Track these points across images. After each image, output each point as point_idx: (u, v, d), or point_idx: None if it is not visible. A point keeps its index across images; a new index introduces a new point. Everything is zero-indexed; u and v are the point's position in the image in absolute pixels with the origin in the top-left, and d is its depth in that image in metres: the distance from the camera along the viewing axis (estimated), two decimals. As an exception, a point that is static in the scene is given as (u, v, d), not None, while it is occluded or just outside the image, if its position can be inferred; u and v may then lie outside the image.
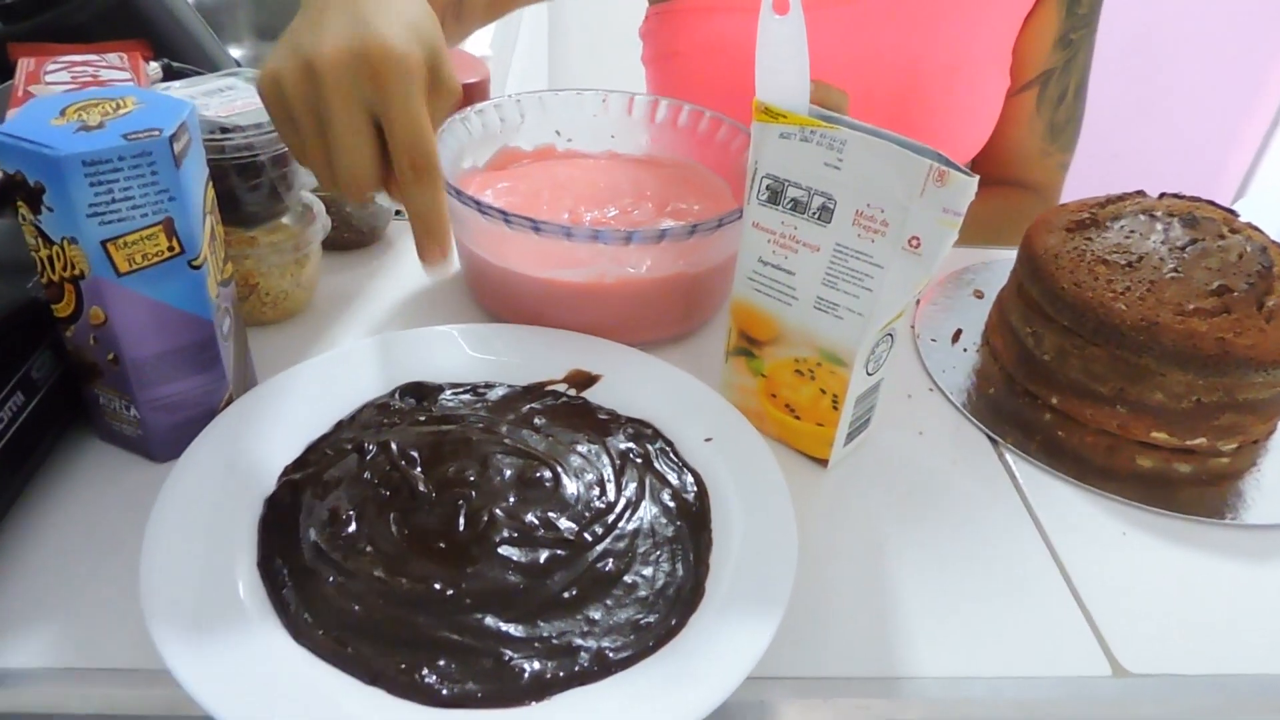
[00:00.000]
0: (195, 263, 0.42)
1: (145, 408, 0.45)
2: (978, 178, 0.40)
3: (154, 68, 0.64)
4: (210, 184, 0.45)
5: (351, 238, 0.65)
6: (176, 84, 0.53)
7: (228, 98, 0.52)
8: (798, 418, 0.50)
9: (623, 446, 0.48)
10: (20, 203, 0.39)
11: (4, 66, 0.63)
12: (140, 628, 0.35)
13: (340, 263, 0.64)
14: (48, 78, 0.58)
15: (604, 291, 0.54)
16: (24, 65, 0.59)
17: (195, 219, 0.42)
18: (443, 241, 0.44)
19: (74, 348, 0.44)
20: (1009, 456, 0.53)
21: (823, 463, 0.51)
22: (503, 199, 0.61)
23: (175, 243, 0.41)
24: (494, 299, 0.59)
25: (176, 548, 0.40)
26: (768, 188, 0.46)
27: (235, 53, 1.68)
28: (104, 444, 0.48)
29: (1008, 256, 0.63)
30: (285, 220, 0.55)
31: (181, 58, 0.77)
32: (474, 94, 1.10)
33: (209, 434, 0.45)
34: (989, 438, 0.54)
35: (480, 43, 1.40)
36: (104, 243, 0.40)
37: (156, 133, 0.39)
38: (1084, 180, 0.96)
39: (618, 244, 0.51)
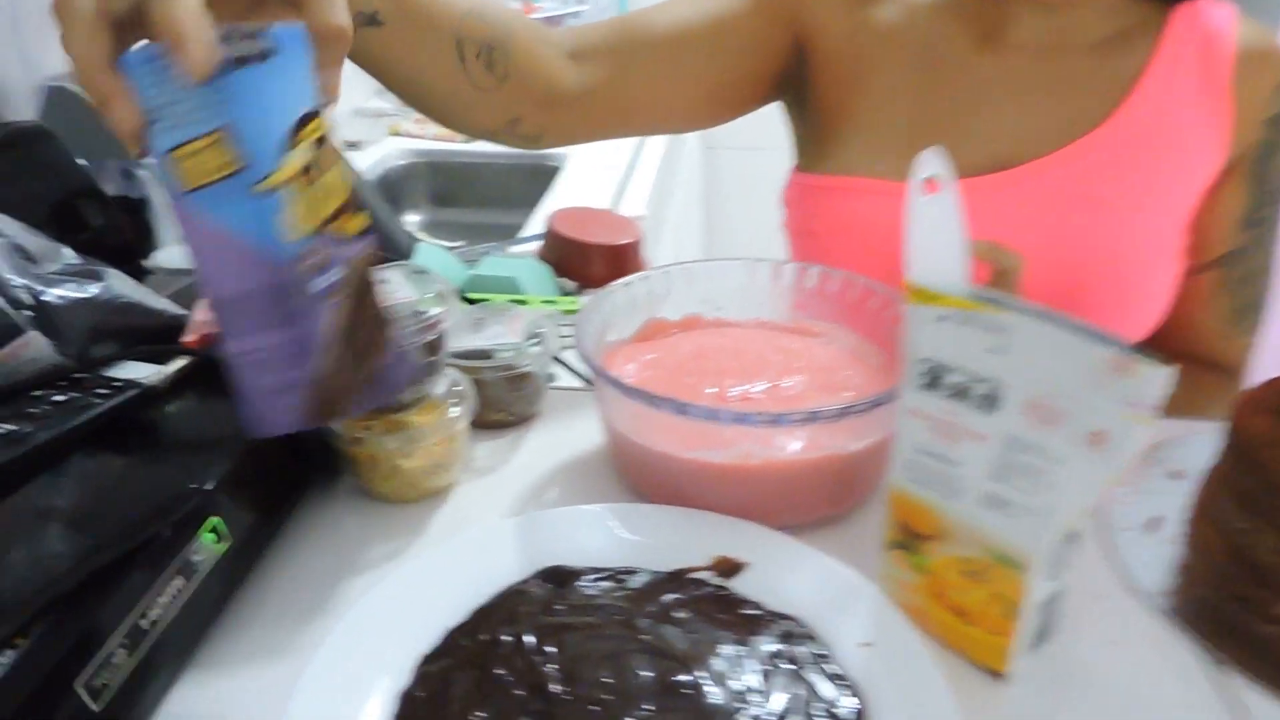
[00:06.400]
0: (258, 186, 0.38)
1: (235, 361, 0.42)
2: (1170, 368, 0.36)
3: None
4: (322, 121, 0.41)
5: (502, 419, 0.65)
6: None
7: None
8: (968, 623, 0.45)
9: (771, 649, 0.45)
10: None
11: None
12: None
13: (485, 439, 0.64)
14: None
15: (750, 473, 0.52)
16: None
17: (267, 136, 0.39)
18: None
19: None
20: (1224, 676, 0.45)
21: (999, 675, 0.45)
22: (648, 371, 0.61)
23: (235, 155, 0.38)
24: (637, 477, 0.57)
25: (309, 747, 0.39)
26: (926, 373, 0.43)
27: (413, 218, 1.82)
28: (250, 631, 0.48)
29: (1207, 430, 0.56)
30: (433, 403, 0.56)
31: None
32: (627, 255, 1.13)
33: (350, 620, 0.45)
34: (1199, 651, 0.47)
35: (635, 202, 1.45)
36: (168, 152, 0.38)
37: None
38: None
39: (764, 426, 0.49)
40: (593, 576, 0.50)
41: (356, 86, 1.97)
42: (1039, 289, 0.64)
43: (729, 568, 0.50)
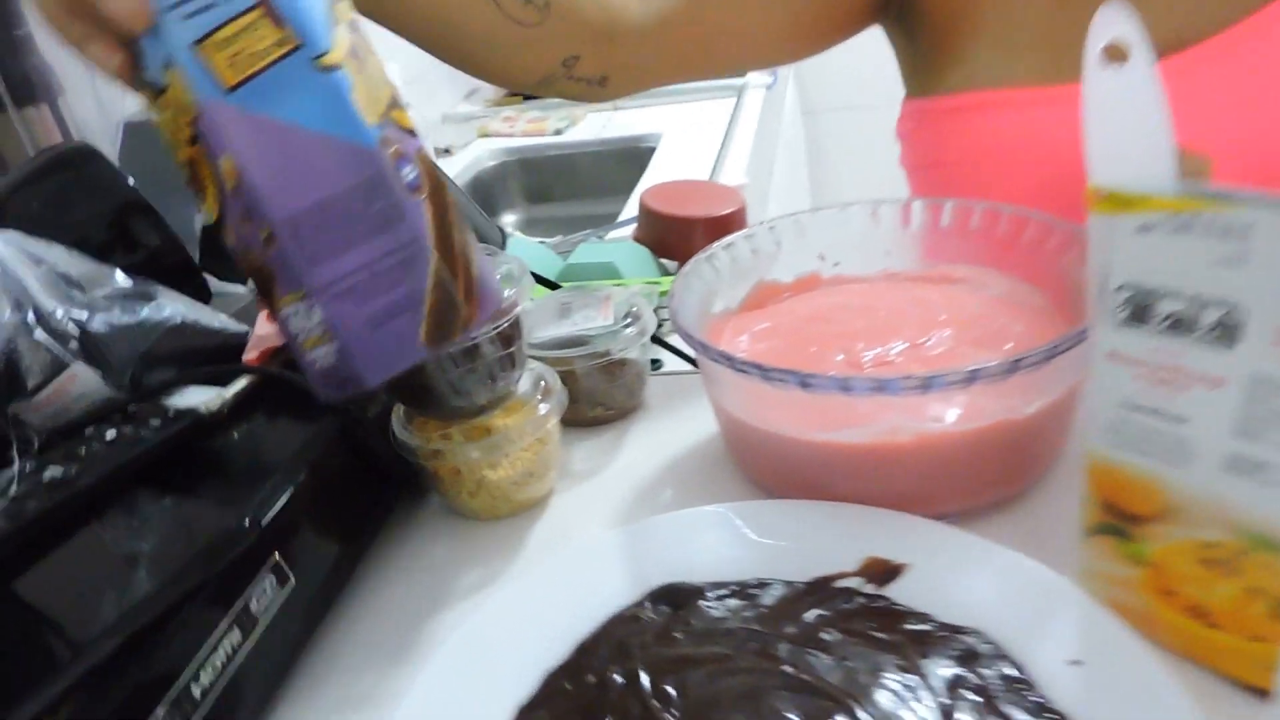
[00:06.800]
0: (324, 61, 0.32)
1: (325, 297, 0.34)
2: None
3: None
4: (348, 2, 0.35)
5: (600, 415, 0.57)
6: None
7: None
8: (1214, 627, 0.34)
9: (950, 674, 0.35)
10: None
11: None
12: None
13: (583, 438, 0.57)
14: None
15: (898, 454, 0.42)
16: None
17: (311, 6, 0.33)
18: None
19: (241, 254, 0.36)
20: None
21: (1263, 694, 0.34)
22: (762, 344, 0.52)
23: (286, 32, 0.32)
24: (760, 469, 0.48)
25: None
26: (1128, 302, 0.32)
27: (509, 218, 1.78)
28: (329, 683, 0.42)
29: None
30: (517, 402, 0.49)
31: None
32: (730, 225, 1.03)
33: (434, 666, 0.38)
34: None
35: (735, 170, 1.36)
36: (198, 43, 0.32)
37: None
38: None
39: (912, 393, 0.39)
40: (716, 594, 0.41)
41: (442, 92, 1.95)
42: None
43: (883, 571, 0.40)
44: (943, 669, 0.35)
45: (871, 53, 0.73)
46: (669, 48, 0.65)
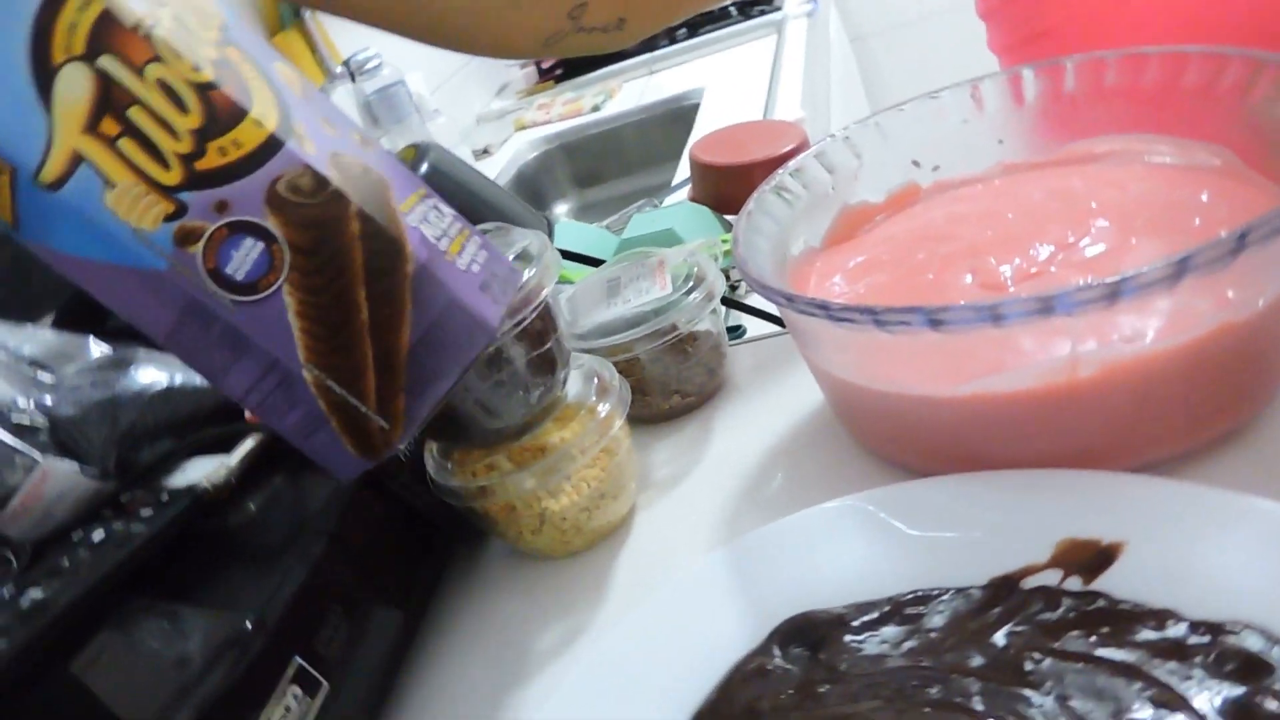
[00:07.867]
0: (42, 180, 0.25)
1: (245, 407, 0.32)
2: None
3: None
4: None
5: (676, 405, 0.47)
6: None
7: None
8: None
9: (1231, 700, 0.24)
10: None
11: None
12: None
13: (660, 437, 0.47)
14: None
15: (1079, 394, 0.30)
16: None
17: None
18: None
19: None
20: None
21: None
22: (864, 280, 0.41)
23: None
24: (887, 441, 0.37)
25: None
26: None
27: (561, 208, 1.69)
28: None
29: None
30: (569, 409, 0.39)
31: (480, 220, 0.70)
32: (793, 162, 0.91)
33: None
34: None
35: (790, 104, 1.23)
36: None
37: None
38: None
39: (1095, 306, 0.28)
40: (863, 621, 0.31)
41: (472, 92, 1.87)
42: None
43: (1090, 557, 0.29)
44: (1218, 693, 0.24)
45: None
46: None
